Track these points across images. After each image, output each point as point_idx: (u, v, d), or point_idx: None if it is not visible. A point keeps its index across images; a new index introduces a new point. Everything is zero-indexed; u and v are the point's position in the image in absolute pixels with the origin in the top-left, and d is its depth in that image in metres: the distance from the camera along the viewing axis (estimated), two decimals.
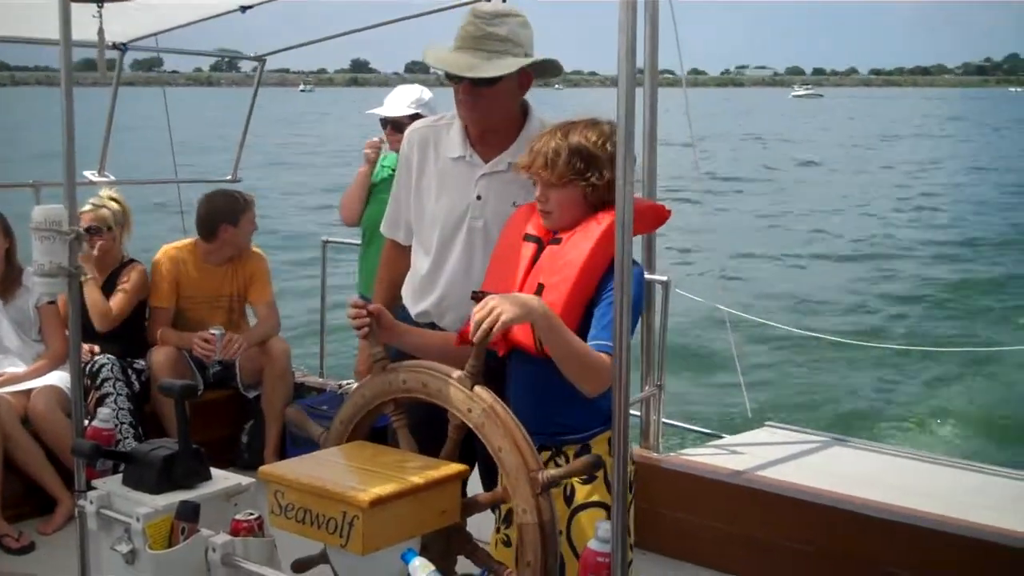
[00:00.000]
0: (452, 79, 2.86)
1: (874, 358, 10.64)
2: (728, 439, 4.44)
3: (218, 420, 5.15)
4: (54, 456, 4.45)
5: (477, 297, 2.52)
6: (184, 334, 5.06)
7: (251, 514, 2.44)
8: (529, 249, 2.64)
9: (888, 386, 10.53)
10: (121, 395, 4.71)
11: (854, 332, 11.77)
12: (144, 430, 4.74)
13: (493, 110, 2.91)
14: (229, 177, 6.04)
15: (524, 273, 2.61)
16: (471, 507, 2.43)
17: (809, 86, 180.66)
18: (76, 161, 2.87)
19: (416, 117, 4.68)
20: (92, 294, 4.87)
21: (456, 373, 2.34)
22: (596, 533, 1.98)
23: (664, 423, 4.28)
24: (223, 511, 2.60)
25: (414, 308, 3.09)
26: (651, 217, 2.71)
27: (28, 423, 4.48)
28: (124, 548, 2.51)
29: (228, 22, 5.28)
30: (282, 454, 5.11)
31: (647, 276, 3.93)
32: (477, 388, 2.30)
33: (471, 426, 2.30)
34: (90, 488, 2.73)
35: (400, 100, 5.08)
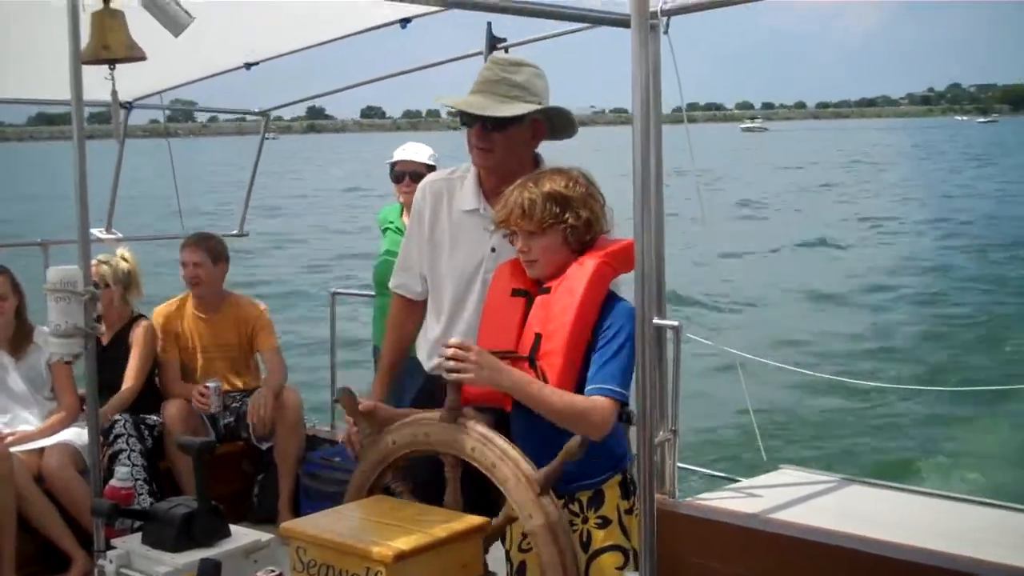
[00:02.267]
0: (465, 122, 2.92)
1: (889, 398, 10.62)
2: (744, 482, 4.41)
3: (230, 473, 5.12)
4: (67, 514, 4.44)
5: None
6: (189, 386, 5.07)
7: (272, 571, 2.44)
8: (518, 304, 2.68)
9: (903, 425, 10.50)
10: (134, 451, 4.70)
11: (866, 372, 11.74)
12: (158, 486, 4.73)
13: (506, 157, 2.94)
14: (236, 232, 6.07)
15: (518, 327, 2.64)
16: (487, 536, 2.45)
17: (759, 120, 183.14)
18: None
19: (432, 169, 4.71)
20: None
21: (530, 470, 2.36)
22: None
23: (679, 467, 4.25)
24: (243, 568, 2.60)
25: (428, 362, 3.09)
26: (627, 256, 2.67)
27: (41, 481, 4.47)
28: None
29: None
30: (296, 507, 5.09)
31: (656, 321, 3.93)
32: (545, 498, 2.33)
33: (525, 529, 2.32)
34: (109, 547, 2.73)
35: (419, 150, 5.03)
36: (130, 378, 4.96)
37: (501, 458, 2.37)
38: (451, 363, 2.46)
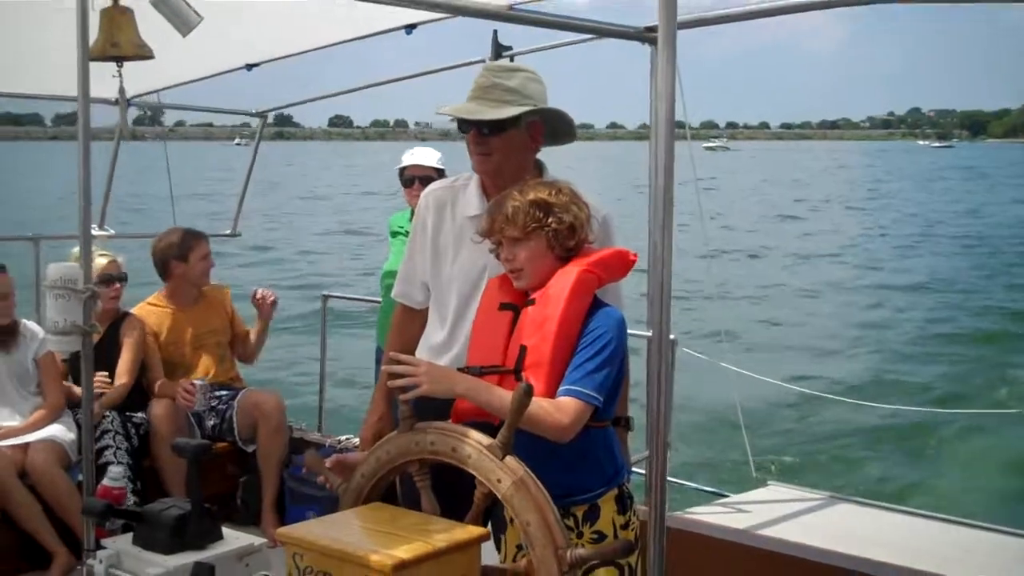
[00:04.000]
0: (462, 129, 2.94)
1: (877, 416, 10.68)
2: (733, 498, 4.43)
3: (215, 475, 5.09)
4: (50, 510, 4.40)
5: (465, 373, 2.55)
6: (174, 384, 5.05)
7: (266, 575, 2.42)
8: (506, 317, 2.68)
9: (891, 444, 10.56)
10: (121, 449, 4.66)
11: (856, 388, 11.81)
12: (142, 485, 4.69)
13: (504, 160, 2.94)
14: (228, 232, 6.04)
15: (505, 340, 2.63)
16: (496, 574, 2.41)
17: (724, 139, 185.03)
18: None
19: (441, 173, 4.71)
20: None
21: (487, 441, 2.34)
22: None
23: (669, 481, 4.26)
24: (236, 572, 2.59)
25: None
26: (619, 264, 2.70)
27: (25, 477, 4.43)
28: None
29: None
30: (280, 510, 5.06)
31: (641, 333, 3.93)
32: (508, 459, 2.30)
33: (499, 496, 2.29)
34: (99, 547, 2.70)
35: (428, 154, 5.02)
36: (123, 374, 4.94)
37: (459, 439, 2.36)
38: (400, 380, 2.45)
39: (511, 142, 2.92)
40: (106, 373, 4.82)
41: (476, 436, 2.36)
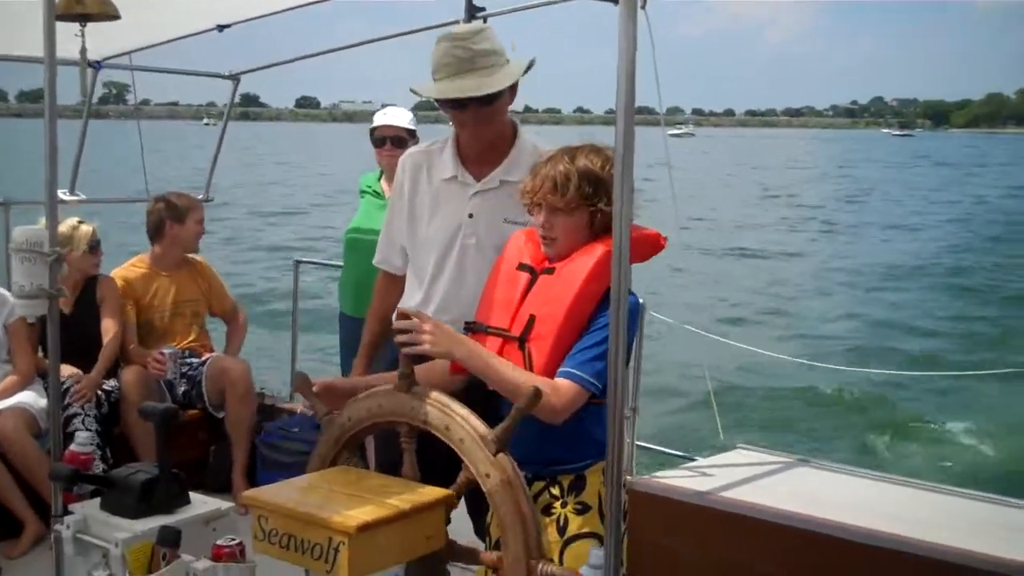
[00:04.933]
0: (456, 106, 2.88)
1: (849, 380, 10.79)
2: (701, 461, 4.45)
3: (185, 441, 5.08)
4: (20, 478, 4.40)
5: (471, 328, 2.55)
6: (145, 352, 5.04)
7: (232, 539, 2.43)
8: (522, 279, 2.63)
9: (864, 408, 10.68)
10: (89, 416, 4.66)
11: (827, 354, 11.92)
12: (112, 452, 4.69)
13: (495, 124, 2.95)
14: (202, 196, 5.99)
15: (516, 304, 2.60)
16: (464, 555, 2.44)
17: (690, 125, 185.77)
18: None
19: (413, 134, 4.70)
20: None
21: (483, 430, 2.33)
22: (588, 560, 1.99)
23: (637, 445, 4.29)
24: (202, 536, 2.58)
25: None
26: (648, 246, 2.63)
27: None
28: (102, 574, 2.49)
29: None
30: (251, 476, 5.07)
31: None
32: (501, 455, 2.30)
33: (484, 490, 2.30)
34: (67, 513, 2.70)
35: (400, 114, 4.95)
36: (109, 330, 4.95)
37: (455, 420, 2.35)
38: (403, 336, 2.42)
39: (504, 104, 2.93)
40: (79, 371, 4.77)
41: (474, 422, 2.34)
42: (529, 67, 2.90)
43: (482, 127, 2.94)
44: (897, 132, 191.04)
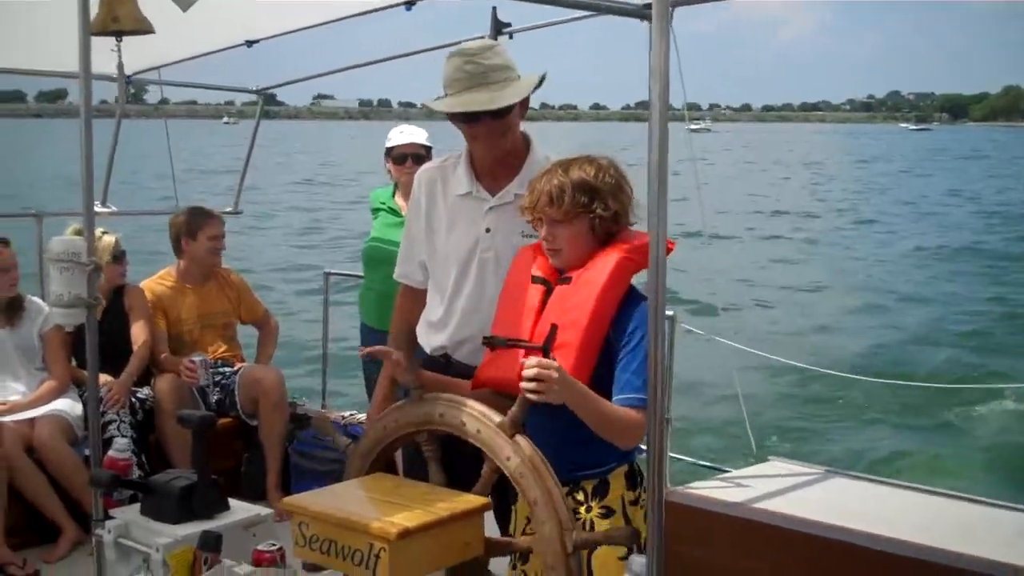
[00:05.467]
0: (468, 120, 2.91)
1: (878, 394, 10.72)
2: (734, 472, 4.44)
3: (220, 450, 5.11)
4: (57, 485, 4.45)
5: (489, 343, 2.55)
6: (177, 360, 5.08)
7: (273, 545, 2.45)
8: (537, 291, 2.67)
9: (893, 421, 10.61)
10: (125, 423, 4.71)
11: (860, 366, 11.85)
12: (147, 460, 4.73)
13: (507, 138, 2.98)
14: (230, 209, 6.04)
15: (535, 316, 2.63)
16: (499, 548, 2.45)
17: (707, 120, 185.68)
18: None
19: (429, 151, 4.74)
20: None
21: (497, 418, 2.36)
22: (630, 567, 2.00)
23: (670, 456, 4.28)
24: (243, 541, 2.61)
25: (429, 343, 3.12)
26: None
27: (31, 452, 4.47)
28: None
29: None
30: (285, 485, 5.10)
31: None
32: (518, 437, 2.32)
33: (508, 474, 2.32)
34: (108, 517, 2.73)
35: (417, 132, 5.02)
36: (139, 337, 5.00)
37: (468, 414, 2.38)
38: (532, 384, 2.33)
39: (515, 118, 2.96)
40: (110, 378, 4.79)
41: (487, 412, 2.38)
42: (540, 82, 2.93)
43: (494, 140, 2.96)
44: (915, 126, 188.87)
